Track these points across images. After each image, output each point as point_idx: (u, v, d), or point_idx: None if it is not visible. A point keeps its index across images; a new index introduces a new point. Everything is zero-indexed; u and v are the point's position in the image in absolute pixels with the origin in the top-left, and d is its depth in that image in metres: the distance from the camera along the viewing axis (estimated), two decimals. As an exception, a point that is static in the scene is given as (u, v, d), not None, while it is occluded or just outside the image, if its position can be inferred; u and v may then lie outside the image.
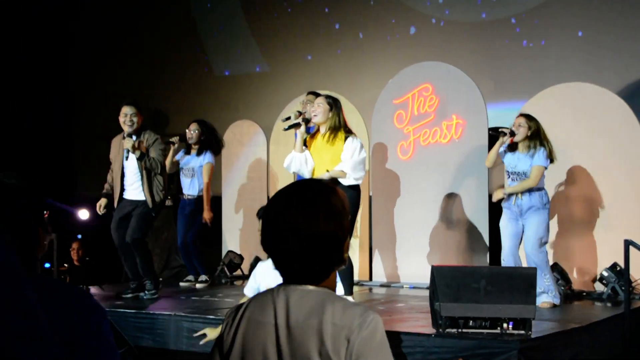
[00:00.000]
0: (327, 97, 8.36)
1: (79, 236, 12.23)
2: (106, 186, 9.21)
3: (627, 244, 8.12)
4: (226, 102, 12.99)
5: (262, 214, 2.84)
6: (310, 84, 11.34)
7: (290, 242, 2.70)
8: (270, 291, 2.80)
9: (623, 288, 8.43)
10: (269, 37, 13.15)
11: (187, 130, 10.11)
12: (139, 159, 8.73)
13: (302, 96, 9.92)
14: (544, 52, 11.19)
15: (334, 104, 8.21)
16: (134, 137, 8.78)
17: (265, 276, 5.75)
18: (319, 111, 8.15)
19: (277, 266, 2.79)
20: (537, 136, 8.45)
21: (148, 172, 8.83)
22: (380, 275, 10.56)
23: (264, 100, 12.54)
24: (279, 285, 2.79)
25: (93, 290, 9.82)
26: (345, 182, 7.98)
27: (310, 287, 2.72)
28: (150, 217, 9.01)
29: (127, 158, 8.78)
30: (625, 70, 10.62)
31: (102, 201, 9.14)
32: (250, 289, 5.99)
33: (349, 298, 6.19)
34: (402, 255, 10.44)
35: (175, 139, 10.22)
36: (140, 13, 14.39)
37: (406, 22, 12.08)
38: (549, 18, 11.23)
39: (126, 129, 8.76)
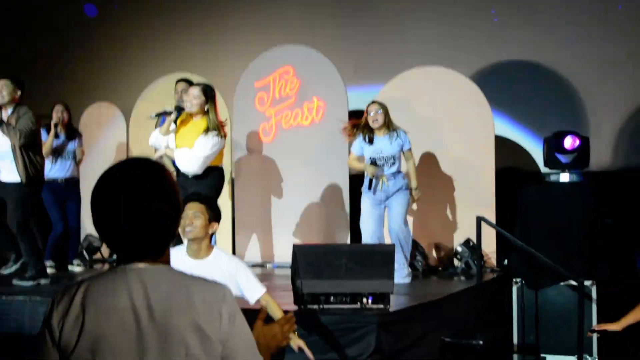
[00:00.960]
0: (203, 88, 8.36)
1: None
2: None
3: (479, 220, 8.49)
4: (83, 83, 12.81)
5: (93, 191, 2.69)
6: (170, 65, 11.36)
7: (131, 221, 2.66)
8: (110, 274, 2.71)
9: (476, 262, 8.78)
10: (130, 16, 13.04)
11: (54, 113, 9.86)
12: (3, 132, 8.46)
13: (161, 79, 9.94)
14: (403, 36, 11.40)
15: (210, 96, 8.30)
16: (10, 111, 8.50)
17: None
18: (195, 102, 8.19)
19: (115, 246, 2.74)
20: (390, 120, 8.68)
21: (21, 149, 8.49)
22: (243, 255, 10.50)
23: (121, 81, 12.45)
24: (123, 266, 2.72)
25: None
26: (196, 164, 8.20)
27: (156, 266, 2.71)
28: (28, 196, 8.66)
29: None
30: (479, 56, 10.97)
31: None
32: None
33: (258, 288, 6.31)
34: (265, 235, 10.52)
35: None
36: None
37: (269, 4, 12.15)
38: (408, 3, 11.48)
39: None
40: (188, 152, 8.23)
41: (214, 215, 5.51)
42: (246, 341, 2.72)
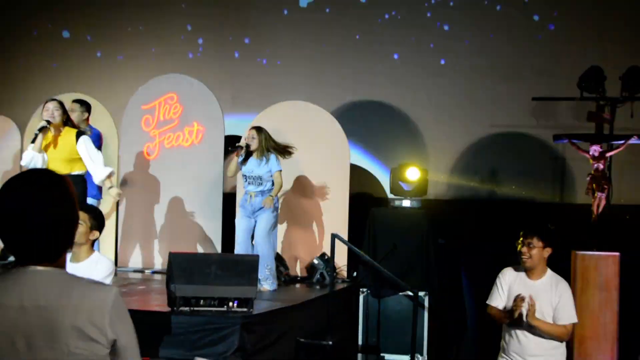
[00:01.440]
0: (59, 101, 8.18)
1: None
2: None
3: (333, 237, 8.51)
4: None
5: None
6: (66, 86, 11.11)
7: (29, 225, 2.57)
8: (9, 273, 2.64)
9: (329, 273, 8.84)
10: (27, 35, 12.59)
11: None
12: None
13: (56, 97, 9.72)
14: (276, 72, 11.40)
15: (64, 107, 8.15)
16: None
17: None
18: (57, 114, 7.97)
19: (13, 248, 2.63)
20: (266, 145, 8.60)
21: None
22: (127, 261, 10.42)
23: (17, 97, 11.97)
24: (16, 268, 2.64)
25: None
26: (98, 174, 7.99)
27: (50, 268, 2.61)
28: None
29: None
30: (339, 94, 11.05)
31: None
32: None
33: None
34: (146, 243, 10.37)
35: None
36: None
37: (160, 36, 11.99)
38: (279, 39, 11.50)
39: None
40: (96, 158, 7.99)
41: (96, 224, 5.40)
42: (131, 339, 2.66)
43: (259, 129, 8.74)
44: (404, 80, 10.90)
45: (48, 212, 2.59)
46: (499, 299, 5.86)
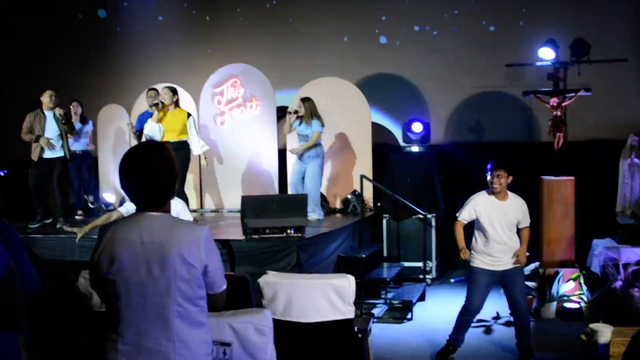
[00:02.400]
0: (170, 87, 8.71)
1: None
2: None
3: (362, 177, 8.82)
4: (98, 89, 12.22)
5: (120, 164, 2.81)
6: (157, 77, 11.14)
7: (145, 184, 2.76)
8: (130, 217, 2.82)
9: (360, 205, 9.00)
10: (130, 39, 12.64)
11: (71, 107, 9.71)
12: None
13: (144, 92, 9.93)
14: (312, 54, 11.29)
15: (175, 91, 8.65)
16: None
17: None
18: (166, 97, 8.54)
19: (133, 200, 2.83)
20: (311, 111, 8.68)
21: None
22: (209, 203, 10.61)
23: (125, 88, 11.90)
24: (136, 214, 2.82)
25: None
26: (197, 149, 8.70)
27: (158, 213, 2.79)
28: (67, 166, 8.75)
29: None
30: (360, 70, 11.02)
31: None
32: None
33: (190, 219, 6.37)
34: (223, 190, 10.51)
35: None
36: None
37: (221, 32, 11.94)
38: (316, 30, 11.38)
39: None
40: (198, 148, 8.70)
41: None
42: (218, 265, 2.81)
43: (305, 99, 8.83)
44: (408, 56, 10.83)
45: (157, 173, 2.77)
46: (466, 215, 5.97)
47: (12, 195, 9.46)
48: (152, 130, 8.49)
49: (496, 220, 5.87)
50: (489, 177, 5.86)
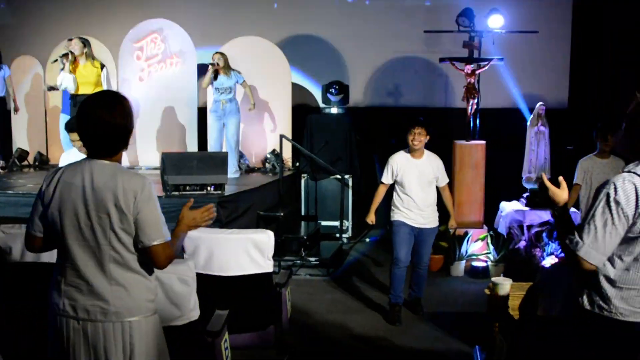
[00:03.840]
0: (80, 38, 8.61)
1: None
2: None
3: (281, 137, 8.85)
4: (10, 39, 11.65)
5: (77, 110, 2.86)
6: (73, 29, 10.56)
7: (97, 130, 2.79)
8: (79, 162, 2.87)
9: (279, 164, 9.04)
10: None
11: None
12: None
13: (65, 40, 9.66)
14: (235, 12, 11.07)
15: (87, 43, 8.56)
16: None
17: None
18: (76, 47, 8.47)
19: (86, 145, 2.87)
20: (229, 64, 8.86)
21: None
22: (126, 160, 10.22)
23: (38, 38, 11.49)
24: (86, 159, 2.88)
25: None
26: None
27: (106, 161, 2.85)
28: None
29: None
30: (282, 29, 10.89)
31: None
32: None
33: None
34: (142, 146, 10.32)
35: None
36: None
37: None
38: None
39: None
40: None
41: None
42: (152, 217, 2.81)
43: (222, 53, 8.92)
44: (331, 18, 10.82)
45: (112, 121, 2.80)
46: (387, 177, 6.18)
47: None
48: (65, 80, 8.33)
49: (413, 177, 6.09)
50: (409, 136, 6.03)
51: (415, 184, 6.09)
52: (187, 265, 3.64)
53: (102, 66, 8.58)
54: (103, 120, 2.79)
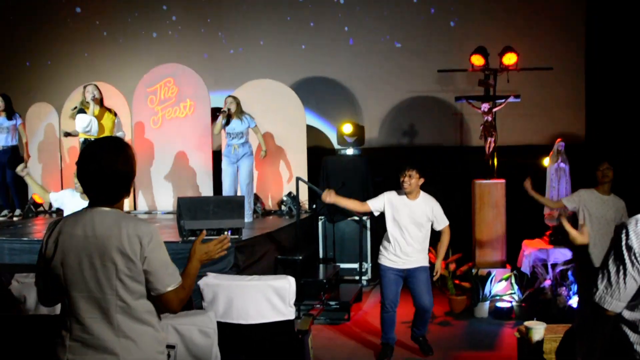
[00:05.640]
0: (96, 85, 8.55)
1: None
2: None
3: (297, 179, 8.70)
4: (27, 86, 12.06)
5: (79, 156, 2.78)
6: (87, 76, 10.81)
7: (99, 176, 2.72)
8: (79, 212, 2.79)
9: (295, 207, 8.90)
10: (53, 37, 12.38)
11: None
12: None
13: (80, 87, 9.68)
14: (247, 57, 11.25)
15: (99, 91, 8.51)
16: None
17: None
18: (96, 92, 8.48)
19: (87, 192, 2.78)
20: (241, 109, 8.75)
21: None
22: (142, 205, 10.41)
23: (54, 86, 11.81)
24: (86, 208, 2.79)
25: None
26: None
27: (108, 209, 2.76)
28: None
29: None
30: (295, 73, 10.99)
31: None
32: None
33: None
34: (157, 191, 10.32)
35: None
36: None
37: (158, 32, 11.77)
38: (249, 31, 11.32)
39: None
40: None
41: None
42: (160, 261, 2.72)
43: (234, 97, 8.83)
44: (344, 59, 10.83)
45: (114, 169, 2.72)
46: (375, 203, 6.14)
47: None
48: (90, 123, 8.26)
49: (404, 218, 5.99)
50: (401, 177, 5.99)
51: (405, 224, 6.00)
52: (207, 317, 3.50)
53: (115, 113, 8.56)
54: (105, 167, 2.72)
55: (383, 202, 6.10)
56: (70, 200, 6.85)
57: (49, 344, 2.79)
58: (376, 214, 6.22)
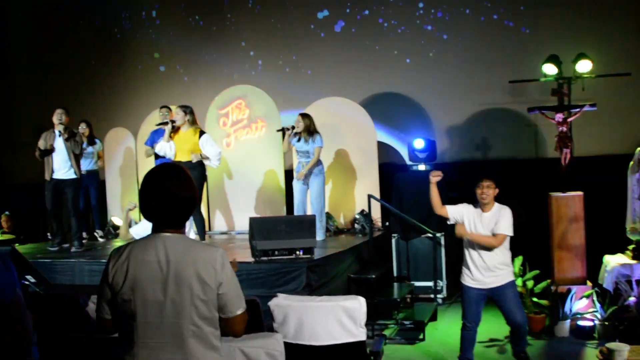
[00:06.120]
0: (183, 106, 8.46)
1: (7, 212, 11.75)
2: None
3: (369, 197, 8.73)
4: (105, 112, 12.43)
5: (141, 184, 2.81)
6: (161, 99, 11.11)
7: (164, 203, 2.74)
8: (147, 238, 2.79)
9: (368, 224, 8.88)
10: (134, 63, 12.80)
11: (80, 130, 9.70)
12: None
13: (156, 110, 9.89)
14: (315, 76, 11.30)
15: (188, 111, 8.41)
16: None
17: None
18: (178, 117, 8.40)
19: (152, 219, 2.80)
20: (310, 127, 8.68)
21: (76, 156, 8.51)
22: (219, 225, 10.58)
23: (131, 112, 12.14)
24: (153, 234, 2.80)
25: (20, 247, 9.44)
26: (207, 163, 8.33)
27: (175, 234, 2.78)
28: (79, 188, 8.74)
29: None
30: (364, 89, 10.94)
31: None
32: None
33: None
34: (232, 211, 10.47)
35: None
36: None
37: (226, 57, 11.92)
38: (318, 53, 11.36)
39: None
40: (213, 150, 8.30)
41: None
42: (234, 287, 2.77)
43: (304, 115, 8.80)
44: (413, 73, 10.73)
45: (176, 195, 2.75)
46: (452, 211, 6.09)
47: (28, 217, 9.40)
48: (163, 149, 8.39)
49: (479, 231, 5.87)
50: (478, 190, 5.88)
51: (476, 244, 5.87)
52: (275, 339, 3.50)
53: (202, 133, 8.53)
54: (172, 192, 2.75)
55: (461, 214, 6.01)
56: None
57: None
58: (450, 221, 6.11)
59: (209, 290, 2.69)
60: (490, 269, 5.82)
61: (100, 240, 10.11)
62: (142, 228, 8.45)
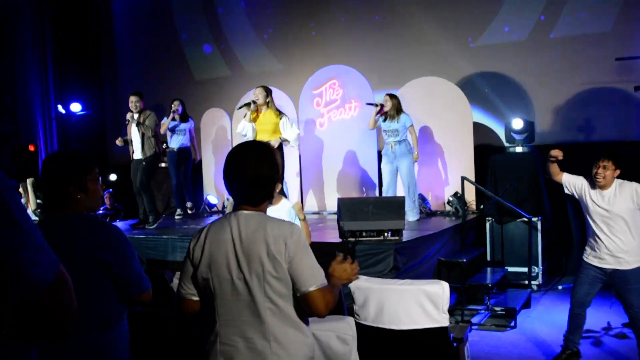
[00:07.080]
0: (264, 87, 8.53)
1: (110, 190, 12.28)
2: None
3: (463, 179, 8.59)
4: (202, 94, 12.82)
5: (225, 160, 2.79)
6: (255, 81, 11.07)
7: (244, 180, 2.73)
8: (224, 217, 2.82)
9: (461, 207, 8.77)
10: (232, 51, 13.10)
11: (172, 106, 10.01)
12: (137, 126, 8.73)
13: (251, 91, 9.99)
14: (411, 55, 11.06)
15: (269, 92, 8.48)
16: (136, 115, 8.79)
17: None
18: (260, 96, 8.44)
19: (233, 196, 2.83)
20: (398, 107, 8.66)
21: (149, 138, 8.73)
22: (311, 205, 10.65)
23: (226, 93, 12.37)
24: (230, 212, 2.82)
25: (120, 223, 9.83)
26: (286, 144, 8.33)
27: (252, 212, 2.77)
28: (149, 167, 8.85)
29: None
30: (461, 69, 10.67)
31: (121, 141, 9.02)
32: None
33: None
34: (324, 191, 10.52)
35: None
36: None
37: (321, 35, 11.92)
38: (412, 34, 11.14)
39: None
40: (293, 132, 8.35)
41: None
42: (306, 263, 2.67)
43: (392, 95, 8.74)
44: (512, 53, 10.35)
45: (255, 171, 2.72)
46: (570, 179, 5.56)
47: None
48: (245, 129, 8.46)
49: (597, 213, 5.41)
50: (594, 169, 5.38)
51: (598, 220, 5.40)
52: (346, 323, 3.42)
53: (282, 115, 8.59)
54: (251, 170, 2.73)
55: (581, 184, 5.50)
56: None
57: (199, 348, 2.83)
58: (565, 190, 5.63)
59: (279, 266, 2.65)
60: (614, 253, 5.37)
61: (190, 212, 10.31)
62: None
